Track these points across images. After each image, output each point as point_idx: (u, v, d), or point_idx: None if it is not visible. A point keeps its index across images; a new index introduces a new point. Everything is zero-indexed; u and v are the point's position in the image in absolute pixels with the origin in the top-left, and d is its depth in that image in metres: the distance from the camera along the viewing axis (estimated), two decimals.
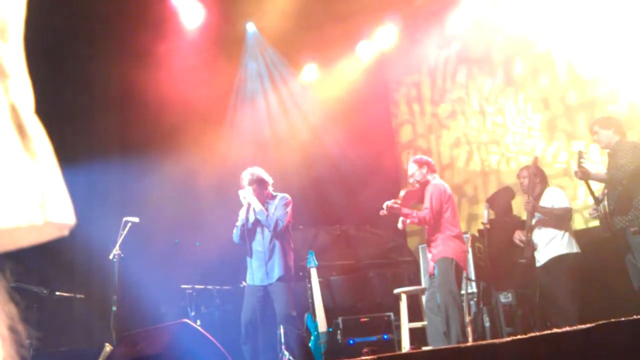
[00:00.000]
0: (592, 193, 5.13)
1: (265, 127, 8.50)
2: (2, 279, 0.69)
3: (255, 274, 5.12)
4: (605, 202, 5.00)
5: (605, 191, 5.06)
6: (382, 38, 8.31)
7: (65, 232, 0.70)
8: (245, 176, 5.20)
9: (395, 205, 5.01)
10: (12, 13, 0.69)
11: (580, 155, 5.06)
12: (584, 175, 5.03)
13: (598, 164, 6.42)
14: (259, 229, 5.16)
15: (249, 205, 5.12)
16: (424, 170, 5.24)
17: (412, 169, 5.28)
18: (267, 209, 5.14)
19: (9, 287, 0.69)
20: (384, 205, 5.03)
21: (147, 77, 6.99)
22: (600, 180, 5.14)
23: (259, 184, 5.18)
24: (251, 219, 5.15)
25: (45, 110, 0.80)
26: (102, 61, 7.09)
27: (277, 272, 5.04)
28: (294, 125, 8.63)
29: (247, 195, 5.13)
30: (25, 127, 0.67)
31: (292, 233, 5.35)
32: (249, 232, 5.13)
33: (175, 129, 7.25)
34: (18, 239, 0.65)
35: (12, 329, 0.67)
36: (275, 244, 5.11)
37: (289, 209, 5.18)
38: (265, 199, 5.20)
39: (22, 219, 0.62)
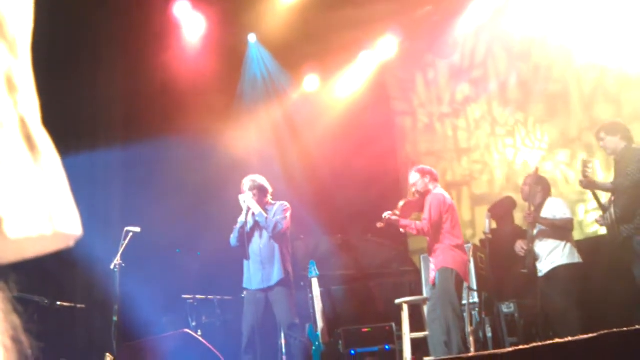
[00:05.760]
0: (598, 201, 5.12)
1: (267, 138, 8.51)
2: (6, 290, 0.69)
3: (253, 277, 5.14)
4: (612, 210, 4.96)
5: (612, 198, 5.03)
6: (383, 49, 8.34)
7: (72, 243, 0.71)
8: (246, 182, 5.28)
9: (394, 218, 5.00)
10: (21, 27, 0.70)
11: (584, 164, 5.03)
12: (589, 185, 5.00)
13: (603, 172, 6.42)
14: (257, 233, 5.21)
15: (249, 209, 5.17)
16: (427, 179, 5.22)
17: (414, 178, 5.27)
18: (266, 214, 5.18)
19: (12, 297, 0.70)
20: (383, 217, 5.03)
21: (150, 90, 7.02)
22: (605, 189, 5.11)
23: (260, 190, 5.26)
24: (250, 222, 5.19)
25: (49, 122, 0.80)
26: (105, 73, 7.12)
27: (276, 275, 5.06)
28: (295, 135, 8.64)
29: (247, 199, 5.18)
30: (34, 140, 0.68)
31: (290, 241, 5.39)
32: (247, 236, 5.17)
33: (177, 141, 7.27)
34: (26, 250, 0.66)
35: (15, 340, 0.68)
36: (274, 248, 5.14)
37: (288, 214, 5.24)
38: (264, 205, 5.25)
39: (32, 230, 0.63)
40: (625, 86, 6.68)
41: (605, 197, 5.16)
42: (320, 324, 5.99)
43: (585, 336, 2.14)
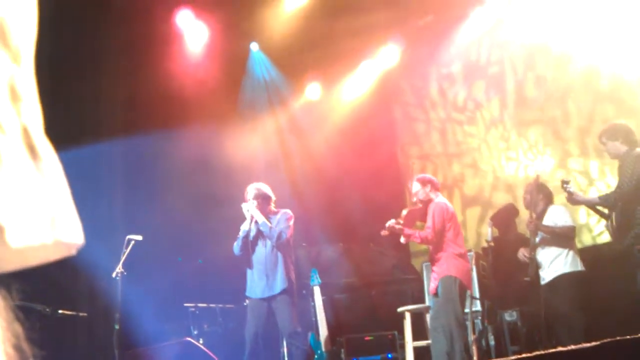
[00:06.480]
0: (595, 211, 5.13)
1: (269, 147, 8.53)
2: (8, 298, 0.69)
3: (256, 286, 5.13)
4: (613, 217, 4.95)
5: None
6: (385, 57, 8.35)
7: (73, 252, 0.71)
8: (250, 191, 5.28)
9: (397, 226, 5.00)
10: (25, 36, 0.71)
11: (562, 184, 5.08)
12: (576, 202, 5.08)
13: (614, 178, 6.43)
14: (260, 241, 5.21)
15: (252, 217, 5.17)
16: (427, 188, 5.23)
17: (415, 187, 5.29)
18: (270, 223, 5.19)
19: (14, 305, 0.70)
20: (386, 225, 5.03)
21: (153, 98, 7.04)
22: (593, 204, 5.12)
23: (263, 198, 5.26)
24: (253, 231, 5.19)
25: (51, 128, 0.81)
26: (109, 81, 7.15)
27: (279, 284, 5.05)
28: (297, 144, 8.66)
29: (250, 208, 5.19)
30: (37, 149, 0.68)
31: (293, 249, 5.38)
32: (251, 244, 5.17)
33: (180, 149, 7.28)
34: (28, 259, 0.66)
35: (18, 348, 0.68)
36: (277, 256, 5.14)
37: (291, 223, 5.24)
38: (267, 214, 5.25)
39: (34, 239, 0.64)
40: (626, 91, 6.70)
41: None
42: (322, 332, 5.97)
43: (589, 344, 2.13)
